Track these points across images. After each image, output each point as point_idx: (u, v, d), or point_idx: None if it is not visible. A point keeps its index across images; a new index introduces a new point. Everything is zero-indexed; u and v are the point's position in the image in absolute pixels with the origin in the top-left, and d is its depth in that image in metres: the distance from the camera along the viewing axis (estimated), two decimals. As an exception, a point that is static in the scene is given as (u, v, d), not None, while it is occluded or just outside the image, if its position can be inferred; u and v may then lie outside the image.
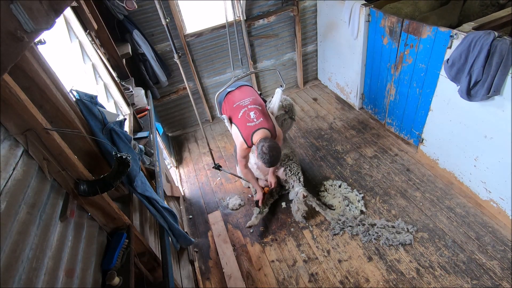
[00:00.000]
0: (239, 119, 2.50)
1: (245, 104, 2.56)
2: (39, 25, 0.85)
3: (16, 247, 0.90)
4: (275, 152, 2.34)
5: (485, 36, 2.10)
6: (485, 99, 2.28)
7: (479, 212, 2.69)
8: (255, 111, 2.52)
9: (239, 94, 2.66)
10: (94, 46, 2.32)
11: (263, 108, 2.59)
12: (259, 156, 2.38)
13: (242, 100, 2.59)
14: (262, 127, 2.46)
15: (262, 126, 2.47)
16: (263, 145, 2.34)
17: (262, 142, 2.35)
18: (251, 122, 2.47)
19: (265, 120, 2.51)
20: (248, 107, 2.54)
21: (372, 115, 3.97)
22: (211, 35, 3.82)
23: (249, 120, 2.48)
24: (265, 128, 2.47)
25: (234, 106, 2.57)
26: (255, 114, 2.51)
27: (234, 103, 2.58)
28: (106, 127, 1.57)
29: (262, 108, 2.57)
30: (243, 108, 2.53)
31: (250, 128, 2.46)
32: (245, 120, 2.48)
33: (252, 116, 2.50)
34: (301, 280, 2.50)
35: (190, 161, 3.98)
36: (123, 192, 1.83)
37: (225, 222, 3.09)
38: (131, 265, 1.42)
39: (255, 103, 2.57)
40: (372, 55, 3.47)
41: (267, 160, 2.34)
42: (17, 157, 1.02)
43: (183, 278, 2.33)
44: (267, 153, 2.31)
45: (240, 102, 2.57)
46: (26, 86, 1.15)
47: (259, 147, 2.37)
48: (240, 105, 2.55)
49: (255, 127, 2.45)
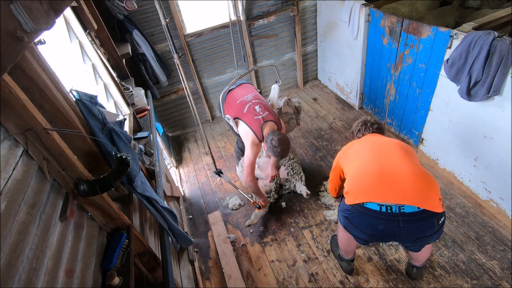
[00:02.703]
0: (246, 114, 2.48)
1: (249, 99, 2.55)
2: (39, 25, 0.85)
3: (16, 247, 0.90)
4: (286, 144, 2.33)
5: (485, 36, 2.10)
6: (485, 99, 2.28)
7: (479, 212, 2.69)
8: (260, 105, 2.51)
9: (241, 91, 2.65)
10: (94, 46, 2.32)
11: (265, 102, 2.57)
12: (270, 150, 2.35)
13: (244, 96, 2.59)
14: (269, 119, 2.44)
15: (269, 118, 2.45)
16: (272, 138, 2.32)
17: (271, 135, 2.34)
18: (257, 115, 2.45)
19: (270, 113, 2.49)
20: (252, 102, 2.52)
21: (372, 115, 3.97)
22: (211, 35, 3.82)
23: (256, 113, 2.46)
24: (272, 121, 2.45)
25: (237, 102, 2.56)
26: (260, 108, 2.49)
27: (237, 100, 2.57)
28: (106, 127, 1.57)
29: (265, 103, 2.56)
30: (248, 103, 2.52)
31: (258, 121, 2.43)
32: (252, 114, 2.46)
33: (258, 110, 2.48)
34: (301, 280, 2.50)
35: (190, 161, 3.98)
36: (123, 192, 1.83)
37: (225, 222, 3.09)
38: (131, 265, 1.41)
39: (257, 98, 2.57)
40: (372, 55, 3.47)
41: (278, 153, 2.33)
42: (17, 157, 1.02)
43: (183, 278, 2.33)
44: (277, 146, 2.29)
45: (243, 98, 2.57)
46: (26, 86, 1.15)
47: (268, 140, 2.34)
48: (244, 101, 2.54)
49: (262, 120, 2.43)
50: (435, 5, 3.64)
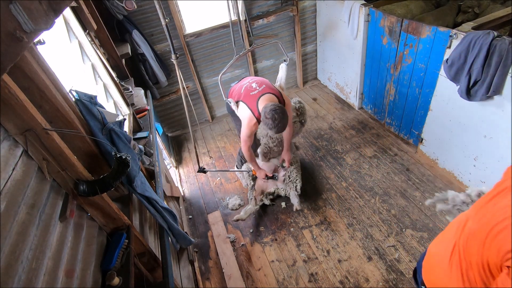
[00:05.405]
0: (243, 94, 2.43)
1: (247, 82, 2.54)
2: (38, 25, 0.85)
3: (15, 247, 0.90)
4: (279, 114, 2.08)
5: (485, 36, 2.11)
6: (484, 99, 2.28)
7: (478, 212, 2.69)
8: (257, 81, 2.46)
9: (240, 82, 2.68)
10: (94, 46, 2.32)
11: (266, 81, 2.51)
12: (263, 123, 2.18)
13: (243, 82, 2.61)
14: (265, 92, 2.33)
15: (265, 91, 2.33)
16: (265, 110, 2.13)
17: (264, 108, 2.17)
18: (254, 91, 2.36)
19: (268, 87, 2.39)
20: (249, 82, 2.50)
21: (372, 115, 3.97)
22: (210, 35, 3.81)
23: (252, 89, 2.38)
24: (270, 93, 2.31)
25: (236, 89, 2.57)
26: (257, 83, 2.42)
27: (236, 88, 2.60)
28: (105, 127, 1.57)
29: (265, 80, 2.50)
30: (245, 84, 2.51)
31: (254, 96, 2.33)
32: (248, 91, 2.39)
33: (254, 86, 2.40)
34: (301, 280, 2.50)
35: (189, 161, 3.97)
36: (122, 192, 1.83)
37: (225, 222, 3.09)
38: (131, 265, 1.41)
39: (256, 78, 2.56)
40: (372, 55, 3.47)
41: (271, 125, 2.11)
42: (16, 157, 1.02)
43: (183, 278, 2.33)
44: (269, 117, 2.09)
45: (241, 83, 2.59)
46: (26, 86, 1.15)
47: (262, 112, 2.17)
48: (242, 85, 2.55)
49: (258, 94, 2.33)
50: (429, 7, 3.65)
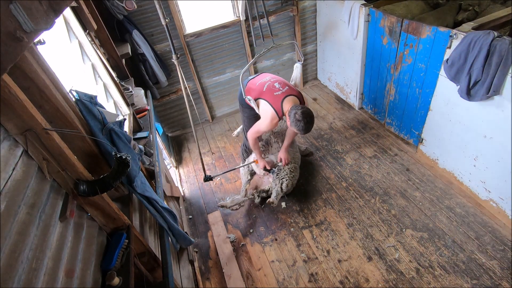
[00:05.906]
0: (265, 92, 2.47)
1: (267, 79, 2.56)
2: (38, 25, 0.85)
3: (15, 247, 0.90)
4: (310, 118, 2.27)
5: (485, 36, 2.11)
6: (484, 99, 2.28)
7: (478, 212, 2.69)
8: (278, 82, 2.51)
9: (259, 77, 2.68)
10: (94, 46, 2.32)
11: (286, 80, 2.57)
12: (293, 124, 2.30)
13: (263, 79, 2.61)
14: (290, 94, 2.41)
15: (289, 93, 2.41)
16: (295, 112, 2.27)
17: (295, 109, 2.29)
18: (277, 91, 2.42)
19: (291, 88, 2.47)
20: (271, 80, 2.53)
21: (372, 115, 3.97)
22: (210, 35, 3.81)
23: (275, 89, 2.44)
24: (293, 95, 2.41)
25: (257, 85, 2.58)
26: (280, 84, 2.49)
27: (256, 83, 2.60)
28: (105, 127, 1.57)
29: (285, 80, 2.55)
30: (266, 82, 2.53)
31: (278, 97, 2.40)
32: (271, 91, 2.44)
33: (277, 86, 2.47)
34: (301, 280, 2.50)
35: (189, 161, 3.97)
36: (122, 192, 1.83)
37: (225, 222, 3.09)
38: (131, 265, 1.41)
39: (276, 77, 2.59)
40: (372, 55, 3.47)
41: (302, 127, 2.27)
42: (16, 157, 1.02)
43: (183, 278, 2.33)
44: (301, 120, 2.24)
45: (261, 80, 2.59)
46: (26, 86, 1.15)
47: (292, 114, 2.29)
48: (263, 82, 2.56)
49: (283, 95, 2.40)
50: (429, 7, 3.65)
